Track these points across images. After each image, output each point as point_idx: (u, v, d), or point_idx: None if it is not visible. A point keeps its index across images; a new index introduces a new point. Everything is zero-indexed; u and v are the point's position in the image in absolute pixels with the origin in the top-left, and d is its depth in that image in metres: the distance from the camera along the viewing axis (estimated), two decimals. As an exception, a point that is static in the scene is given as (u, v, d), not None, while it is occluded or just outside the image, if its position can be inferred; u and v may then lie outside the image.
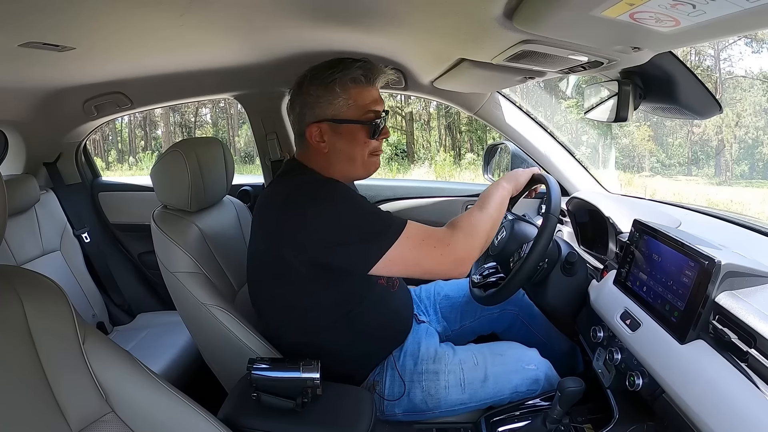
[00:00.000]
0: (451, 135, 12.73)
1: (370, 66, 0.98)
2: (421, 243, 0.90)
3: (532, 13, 0.64)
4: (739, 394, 0.62)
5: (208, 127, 13.52)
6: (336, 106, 0.97)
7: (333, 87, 0.96)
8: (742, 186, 9.60)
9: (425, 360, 1.04)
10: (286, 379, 0.83)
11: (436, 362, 1.03)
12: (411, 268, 0.91)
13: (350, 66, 0.97)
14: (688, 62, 3.39)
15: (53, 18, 0.81)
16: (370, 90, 0.99)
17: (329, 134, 0.98)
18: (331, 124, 0.97)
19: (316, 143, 0.99)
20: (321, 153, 1.00)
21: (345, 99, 0.96)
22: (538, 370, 1.05)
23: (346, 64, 0.97)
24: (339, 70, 0.96)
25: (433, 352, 1.05)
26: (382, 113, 1.01)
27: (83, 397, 0.62)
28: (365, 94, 0.98)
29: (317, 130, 0.98)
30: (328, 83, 0.96)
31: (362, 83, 0.97)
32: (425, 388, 1.01)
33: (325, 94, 0.97)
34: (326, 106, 0.97)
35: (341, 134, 0.98)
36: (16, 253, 1.50)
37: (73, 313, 0.64)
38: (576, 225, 1.40)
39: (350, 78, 0.96)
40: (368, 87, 0.99)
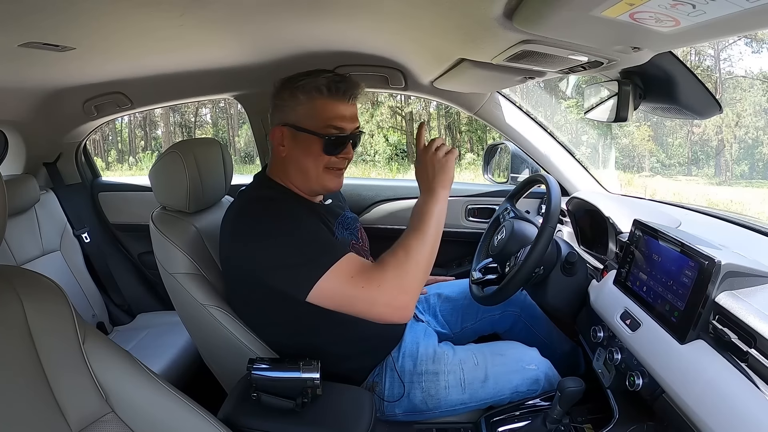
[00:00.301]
0: (451, 135, 12.72)
1: (339, 79, 0.96)
2: (349, 280, 0.82)
3: (532, 13, 0.64)
4: (739, 394, 0.61)
5: (208, 127, 13.52)
6: (298, 113, 0.97)
7: (297, 93, 0.96)
8: (742, 186, 9.61)
9: (424, 360, 1.03)
10: (286, 379, 0.83)
11: (436, 362, 1.03)
12: (346, 308, 0.84)
13: (318, 75, 0.96)
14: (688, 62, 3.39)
15: (53, 18, 0.81)
16: (336, 104, 0.96)
17: (289, 140, 0.99)
18: (292, 130, 0.98)
19: (276, 146, 1.00)
20: (280, 158, 1.01)
21: (307, 108, 0.96)
22: (539, 369, 1.05)
23: (316, 74, 0.97)
24: (307, 79, 0.96)
25: (432, 353, 1.05)
26: (350, 131, 0.98)
27: (83, 397, 0.62)
28: (329, 107, 0.96)
29: (280, 133, 0.99)
30: (294, 89, 0.97)
31: (325, 95, 0.95)
32: (425, 388, 1.01)
33: (291, 100, 0.97)
34: (290, 112, 0.98)
35: (298, 142, 0.98)
36: (16, 253, 1.50)
37: (73, 313, 0.64)
38: (576, 225, 1.41)
39: (314, 87, 0.95)
40: (334, 101, 0.96)
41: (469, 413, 1.04)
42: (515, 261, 1.14)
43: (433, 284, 1.41)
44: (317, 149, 0.97)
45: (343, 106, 0.97)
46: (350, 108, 0.99)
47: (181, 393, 0.70)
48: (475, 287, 1.22)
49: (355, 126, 1.00)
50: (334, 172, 1.01)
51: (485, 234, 1.35)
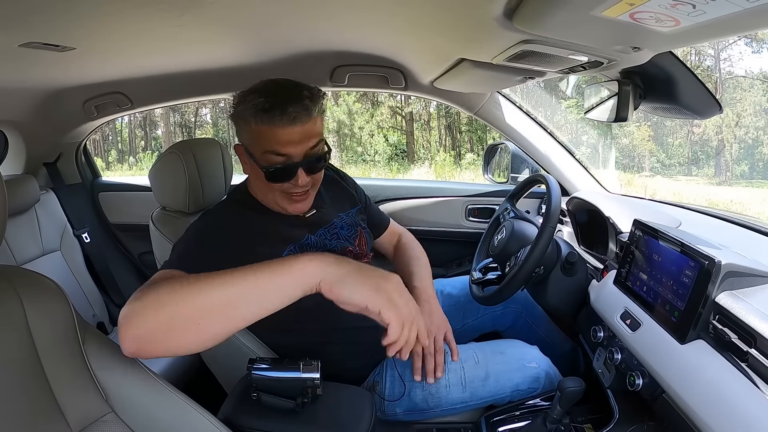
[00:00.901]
0: (451, 135, 12.74)
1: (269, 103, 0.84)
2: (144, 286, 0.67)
3: (532, 13, 0.64)
4: (740, 394, 0.61)
5: (208, 127, 13.53)
6: (243, 138, 0.92)
7: (238, 120, 0.90)
8: (742, 186, 9.61)
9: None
10: (286, 379, 0.83)
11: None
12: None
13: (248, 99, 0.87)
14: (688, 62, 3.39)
15: (53, 18, 0.81)
16: (272, 129, 0.85)
17: (245, 159, 0.94)
18: (245, 152, 0.93)
19: (242, 161, 0.96)
20: (246, 172, 0.99)
21: (248, 133, 0.89)
22: (539, 368, 1.04)
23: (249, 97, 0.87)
24: (241, 104, 0.88)
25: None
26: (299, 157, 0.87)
27: (83, 397, 0.62)
28: (265, 133, 0.86)
29: (240, 150, 0.94)
30: (235, 116, 0.91)
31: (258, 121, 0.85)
32: (426, 387, 1.01)
33: (237, 124, 0.92)
34: (240, 134, 0.93)
35: (250, 166, 0.93)
36: (16, 254, 1.50)
37: (73, 313, 0.64)
38: (576, 225, 1.41)
39: (246, 114, 0.87)
40: (270, 126, 0.85)
41: (469, 412, 1.04)
42: (515, 261, 1.14)
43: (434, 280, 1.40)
44: (262, 177, 0.90)
45: (282, 131, 0.85)
46: (294, 131, 0.86)
47: (181, 393, 0.70)
48: (476, 287, 1.22)
49: (308, 148, 0.88)
50: (293, 198, 0.94)
51: (485, 234, 1.35)
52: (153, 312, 0.60)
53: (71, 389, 0.62)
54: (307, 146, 0.88)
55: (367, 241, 1.14)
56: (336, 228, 1.06)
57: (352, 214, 1.14)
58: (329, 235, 1.04)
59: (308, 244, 1.00)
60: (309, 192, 0.96)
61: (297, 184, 0.90)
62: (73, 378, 0.62)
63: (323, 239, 1.03)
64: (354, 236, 1.10)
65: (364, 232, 1.13)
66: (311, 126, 0.88)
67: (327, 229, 1.05)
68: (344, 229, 1.08)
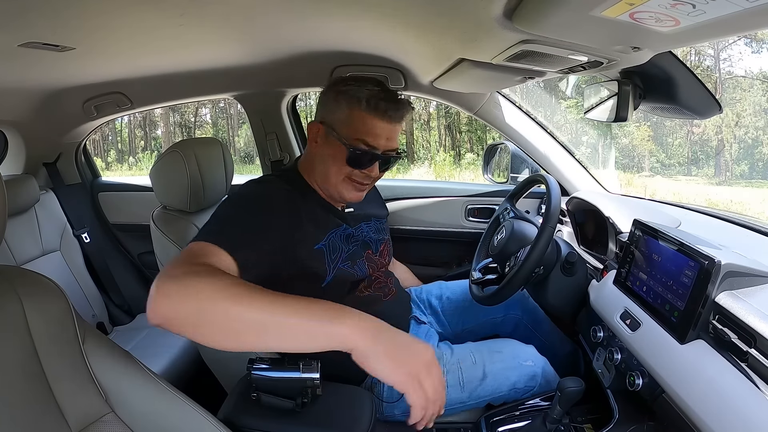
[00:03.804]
0: (450, 135, 12.73)
1: (383, 96, 0.94)
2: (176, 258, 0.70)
3: (531, 12, 0.64)
4: (739, 393, 0.61)
5: (208, 127, 13.52)
6: (336, 117, 0.97)
7: (340, 97, 0.97)
8: (741, 186, 9.61)
9: None
10: (286, 379, 0.83)
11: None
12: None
13: (365, 86, 0.95)
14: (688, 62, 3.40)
15: (53, 18, 0.81)
16: (372, 119, 0.95)
17: (322, 138, 1.00)
18: (328, 130, 0.98)
19: (310, 140, 1.02)
20: (311, 153, 1.03)
21: (344, 115, 0.96)
22: (536, 366, 1.05)
23: (364, 83, 0.96)
24: (354, 86, 0.96)
25: None
26: (381, 150, 0.97)
27: (83, 397, 0.62)
28: (365, 120, 0.95)
29: (316, 128, 1.00)
30: (338, 92, 0.97)
31: (363, 108, 0.94)
32: None
33: (333, 101, 0.98)
34: (330, 112, 0.99)
35: (328, 143, 0.98)
36: (16, 254, 1.50)
37: (73, 313, 0.64)
38: (576, 225, 1.40)
39: (356, 97, 0.95)
40: (372, 116, 0.94)
41: (468, 412, 1.04)
42: (515, 261, 1.14)
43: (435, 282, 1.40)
44: (341, 158, 0.97)
45: (380, 124, 0.95)
46: (388, 127, 0.96)
47: (181, 393, 0.70)
48: (475, 287, 1.22)
49: (390, 147, 0.98)
50: (354, 185, 1.00)
51: (485, 234, 1.35)
52: (189, 303, 0.60)
53: (71, 389, 0.62)
54: (390, 144, 0.98)
55: (389, 253, 1.19)
56: (366, 230, 1.11)
57: (382, 222, 1.20)
58: (372, 229, 1.11)
59: (348, 234, 1.05)
60: (369, 186, 1.03)
61: (369, 173, 0.98)
62: (73, 378, 0.62)
63: (363, 232, 1.08)
64: (382, 241, 1.15)
65: (388, 244, 1.18)
66: (398, 129, 0.99)
67: (351, 230, 1.07)
68: (368, 235, 1.12)
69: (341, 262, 1.00)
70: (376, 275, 1.10)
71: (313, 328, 0.61)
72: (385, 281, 1.13)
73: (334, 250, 1.00)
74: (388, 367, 0.61)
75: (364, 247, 1.08)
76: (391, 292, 1.13)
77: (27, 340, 0.60)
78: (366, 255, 1.07)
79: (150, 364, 0.71)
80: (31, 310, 0.61)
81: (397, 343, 0.63)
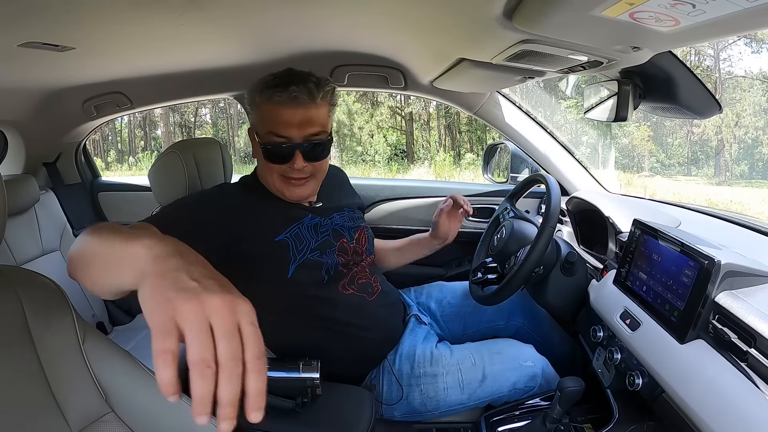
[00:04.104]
0: (450, 135, 12.73)
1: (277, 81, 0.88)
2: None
3: (531, 12, 0.64)
4: (739, 393, 0.62)
5: (208, 127, 13.53)
6: (252, 119, 0.97)
7: (252, 96, 0.95)
8: (741, 186, 9.62)
9: (422, 363, 1.03)
10: (286, 379, 0.83)
11: (434, 365, 1.02)
12: None
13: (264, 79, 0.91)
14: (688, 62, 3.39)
15: (53, 18, 0.81)
16: (278, 109, 0.89)
17: (254, 143, 0.99)
18: (254, 134, 0.97)
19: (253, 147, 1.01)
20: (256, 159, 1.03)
21: (257, 113, 0.95)
22: (536, 366, 1.05)
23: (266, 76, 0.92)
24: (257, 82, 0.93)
25: (429, 355, 1.04)
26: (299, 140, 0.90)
27: (83, 397, 0.62)
28: (271, 112, 0.90)
29: (251, 135, 1.00)
30: (251, 93, 0.95)
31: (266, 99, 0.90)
32: (424, 390, 1.01)
33: (248, 104, 0.97)
34: (250, 117, 0.98)
35: (256, 148, 0.97)
36: (16, 253, 1.50)
37: (73, 313, 0.64)
38: (576, 225, 1.40)
39: (257, 90, 0.92)
40: (277, 105, 0.89)
41: (468, 412, 1.04)
42: (515, 261, 1.14)
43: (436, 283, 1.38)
44: (263, 158, 0.94)
45: (284, 110, 0.89)
46: (297, 112, 0.89)
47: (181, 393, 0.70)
48: (475, 287, 1.21)
49: (308, 132, 0.90)
50: (290, 181, 0.95)
51: (485, 234, 1.35)
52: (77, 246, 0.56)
53: (71, 389, 0.61)
54: (308, 131, 0.90)
55: (368, 241, 1.14)
56: (337, 220, 1.09)
57: (355, 211, 1.16)
58: (345, 218, 1.08)
59: (316, 224, 1.02)
60: (309, 180, 0.97)
61: (293, 167, 0.91)
62: (73, 378, 0.62)
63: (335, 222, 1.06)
64: (356, 229, 1.11)
65: (365, 231, 1.15)
66: (315, 111, 0.90)
67: (340, 213, 1.07)
68: (342, 225, 1.10)
69: (309, 252, 0.98)
70: (356, 270, 1.07)
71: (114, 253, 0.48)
72: (368, 279, 1.10)
73: (301, 240, 0.99)
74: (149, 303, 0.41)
75: (336, 236, 1.06)
76: (377, 290, 1.10)
77: (27, 340, 0.60)
78: (339, 244, 1.05)
79: (150, 364, 0.70)
80: (31, 310, 0.61)
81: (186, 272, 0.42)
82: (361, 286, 1.07)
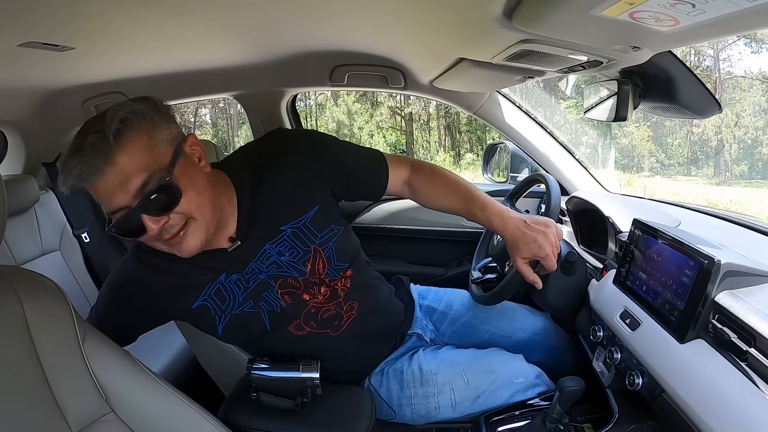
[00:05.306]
0: (450, 135, 12.74)
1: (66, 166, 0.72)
2: None
3: (531, 12, 0.64)
4: (739, 393, 0.62)
5: (208, 127, 13.53)
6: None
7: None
8: (741, 186, 9.63)
9: (411, 383, 1.01)
10: (285, 379, 0.83)
11: (424, 385, 1.00)
12: None
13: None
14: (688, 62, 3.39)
15: (53, 18, 0.81)
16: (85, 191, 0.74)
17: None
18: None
19: None
20: None
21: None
22: (527, 381, 1.03)
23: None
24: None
25: (418, 374, 1.01)
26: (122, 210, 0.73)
27: (83, 397, 0.62)
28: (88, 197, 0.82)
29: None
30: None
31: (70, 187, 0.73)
32: (415, 409, 1.00)
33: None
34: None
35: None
36: (16, 254, 1.50)
37: (72, 313, 0.64)
38: (576, 224, 1.41)
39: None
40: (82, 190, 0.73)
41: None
42: (515, 261, 1.13)
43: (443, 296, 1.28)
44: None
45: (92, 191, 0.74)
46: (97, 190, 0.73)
47: (180, 393, 0.70)
48: (475, 287, 1.21)
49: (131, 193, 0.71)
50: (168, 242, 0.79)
51: (485, 234, 1.35)
52: None
53: (71, 389, 0.61)
54: (129, 192, 0.72)
55: (331, 262, 0.93)
56: (273, 256, 0.89)
57: (302, 225, 0.90)
58: (265, 267, 0.89)
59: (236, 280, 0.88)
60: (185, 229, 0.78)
61: (154, 234, 0.74)
62: (73, 378, 0.62)
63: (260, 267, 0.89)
64: (304, 259, 0.90)
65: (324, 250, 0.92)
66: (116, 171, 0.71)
67: (258, 262, 0.88)
68: (285, 254, 0.90)
69: (236, 308, 0.88)
70: (311, 305, 0.93)
71: None
72: (336, 309, 0.96)
73: (223, 298, 0.88)
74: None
75: (274, 278, 0.89)
76: (348, 320, 0.97)
77: (27, 340, 0.60)
78: (280, 283, 0.90)
79: (150, 364, 0.71)
80: (31, 310, 0.61)
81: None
82: (323, 322, 0.94)
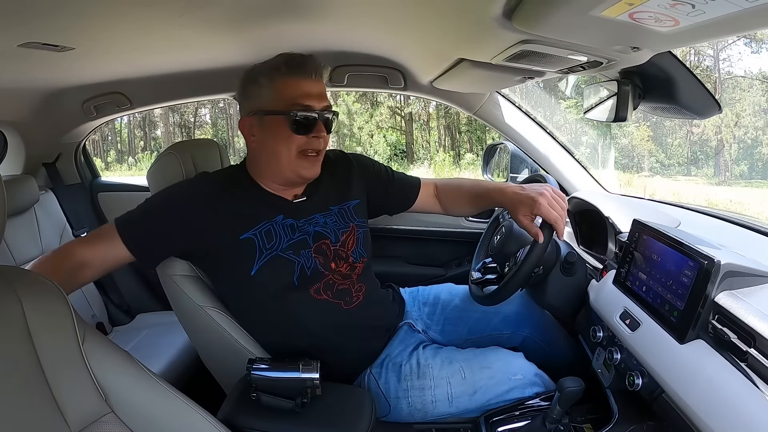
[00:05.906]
0: (450, 135, 12.74)
1: (298, 56, 0.94)
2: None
3: (531, 13, 0.64)
4: (739, 393, 0.62)
5: (208, 127, 13.53)
6: (262, 98, 0.96)
7: (258, 78, 0.96)
8: (741, 186, 9.63)
9: (409, 376, 1.01)
10: (285, 379, 0.83)
11: (421, 378, 1.01)
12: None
13: (272, 59, 0.95)
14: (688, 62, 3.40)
15: (53, 18, 0.81)
16: (299, 81, 0.94)
17: (257, 128, 0.98)
18: (258, 117, 0.96)
19: (247, 139, 1.00)
20: (252, 149, 1.02)
21: (270, 90, 0.95)
22: (525, 378, 1.03)
23: (270, 60, 0.96)
24: (263, 64, 0.96)
25: (416, 367, 1.02)
26: (319, 110, 0.94)
27: (83, 398, 0.62)
28: (292, 84, 0.94)
29: (248, 123, 0.98)
30: (254, 75, 0.97)
31: (285, 72, 0.93)
32: (411, 402, 0.99)
33: (253, 87, 0.97)
34: (254, 99, 0.97)
35: (266, 127, 0.96)
36: (16, 254, 1.50)
37: (72, 314, 0.64)
38: (575, 225, 1.41)
39: (273, 67, 0.94)
40: (297, 78, 0.94)
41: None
42: (515, 261, 1.14)
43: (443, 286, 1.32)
44: (286, 130, 0.93)
45: (307, 83, 0.94)
46: (316, 85, 0.95)
47: (180, 393, 0.70)
48: (475, 287, 1.21)
49: (324, 105, 0.96)
50: (308, 158, 0.96)
51: (485, 234, 1.35)
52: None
53: (70, 389, 0.61)
54: (324, 102, 0.96)
55: (358, 244, 1.06)
56: (320, 221, 1.03)
57: (345, 208, 1.08)
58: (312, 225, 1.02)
59: (290, 225, 0.99)
60: (319, 156, 0.99)
61: (318, 135, 0.95)
62: (73, 378, 0.62)
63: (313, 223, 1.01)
64: (343, 230, 1.05)
65: (356, 232, 1.06)
66: (324, 87, 0.98)
67: (324, 214, 1.03)
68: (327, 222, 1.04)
69: (280, 250, 0.96)
70: (334, 277, 1.01)
71: None
72: (350, 286, 1.03)
73: (270, 238, 0.97)
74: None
75: (316, 238, 1.00)
76: (356, 300, 1.03)
77: (26, 341, 0.59)
78: (316, 246, 0.99)
79: (149, 364, 0.71)
80: (31, 311, 0.61)
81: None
82: (338, 293, 1.01)
